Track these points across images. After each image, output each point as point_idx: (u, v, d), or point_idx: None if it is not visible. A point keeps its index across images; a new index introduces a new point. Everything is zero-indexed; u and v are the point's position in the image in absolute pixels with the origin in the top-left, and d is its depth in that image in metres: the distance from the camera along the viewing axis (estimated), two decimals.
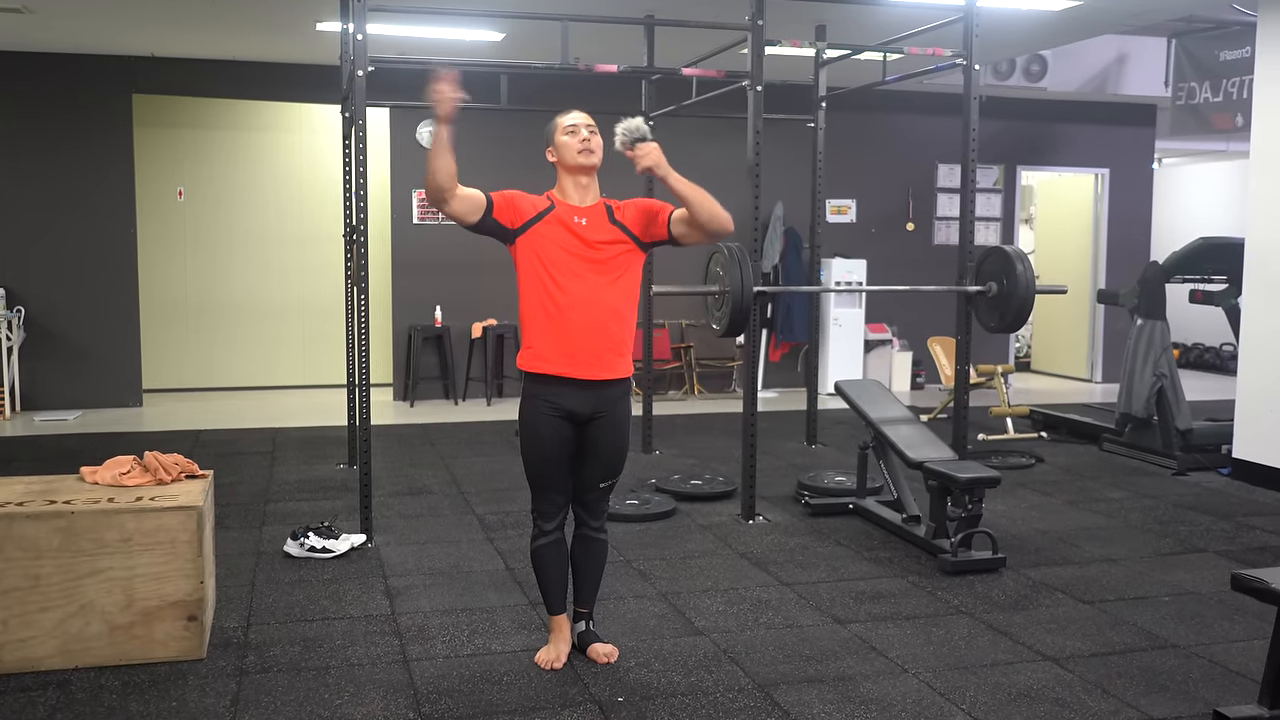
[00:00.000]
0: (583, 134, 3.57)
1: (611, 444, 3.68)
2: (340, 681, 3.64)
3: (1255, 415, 6.64)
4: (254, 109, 10.20)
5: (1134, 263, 11.52)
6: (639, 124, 3.50)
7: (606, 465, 3.71)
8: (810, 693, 3.58)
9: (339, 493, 6.32)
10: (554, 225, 3.56)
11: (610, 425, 3.65)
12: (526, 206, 3.59)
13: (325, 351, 10.47)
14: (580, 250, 3.55)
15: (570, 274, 3.54)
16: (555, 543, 3.75)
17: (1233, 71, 9.45)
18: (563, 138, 3.60)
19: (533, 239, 3.56)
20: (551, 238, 3.55)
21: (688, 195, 3.49)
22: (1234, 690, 3.64)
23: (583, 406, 3.59)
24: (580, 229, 3.57)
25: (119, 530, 3.71)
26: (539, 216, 3.57)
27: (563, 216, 3.58)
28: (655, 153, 3.48)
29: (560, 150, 3.61)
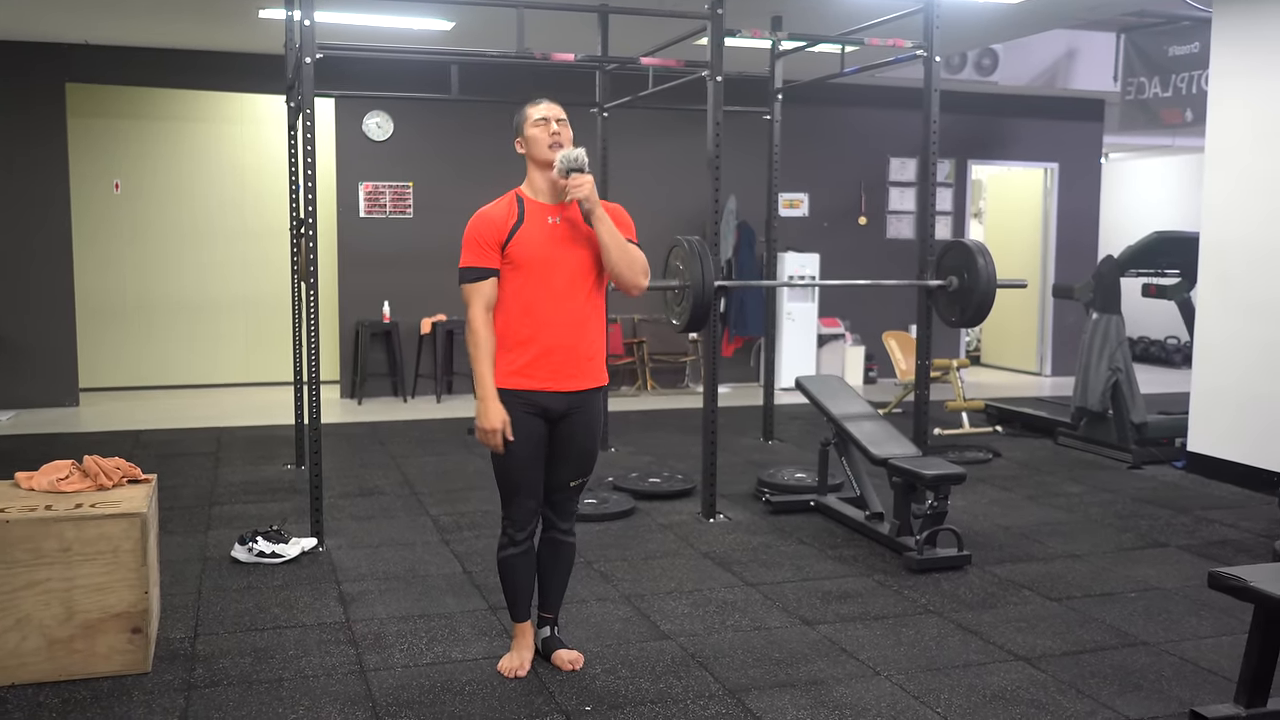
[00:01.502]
0: (553, 126, 3.43)
1: (584, 442, 3.56)
2: (294, 694, 3.49)
3: (1209, 409, 6.67)
4: (194, 99, 9.92)
5: (1083, 257, 11.63)
6: (580, 154, 3.37)
7: (578, 464, 3.59)
8: (783, 698, 3.49)
9: (287, 494, 6.12)
10: (526, 234, 3.39)
11: (583, 423, 3.54)
12: (494, 236, 3.38)
13: (269, 348, 10.21)
14: (555, 255, 3.41)
15: (545, 282, 3.39)
16: (525, 553, 3.60)
17: (1182, 67, 9.53)
18: (532, 130, 3.45)
19: (511, 255, 3.38)
20: (526, 248, 3.38)
21: (606, 241, 3.38)
22: (1207, 688, 3.60)
23: (557, 404, 3.47)
24: (555, 231, 3.42)
25: (57, 539, 3.52)
26: (510, 235, 3.38)
27: (535, 220, 3.42)
28: (588, 186, 3.35)
29: (530, 143, 3.46)
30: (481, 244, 3.39)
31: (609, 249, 3.39)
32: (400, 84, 8.63)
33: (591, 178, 3.38)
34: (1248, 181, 6.41)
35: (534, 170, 3.48)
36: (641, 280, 3.46)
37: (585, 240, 3.45)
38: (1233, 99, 6.55)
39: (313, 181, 5.02)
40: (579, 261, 3.43)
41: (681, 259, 5.40)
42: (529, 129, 3.45)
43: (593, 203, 3.36)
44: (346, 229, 9.56)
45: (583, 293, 3.45)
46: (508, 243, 3.38)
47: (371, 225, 9.63)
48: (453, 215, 9.69)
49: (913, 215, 11.17)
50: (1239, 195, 6.47)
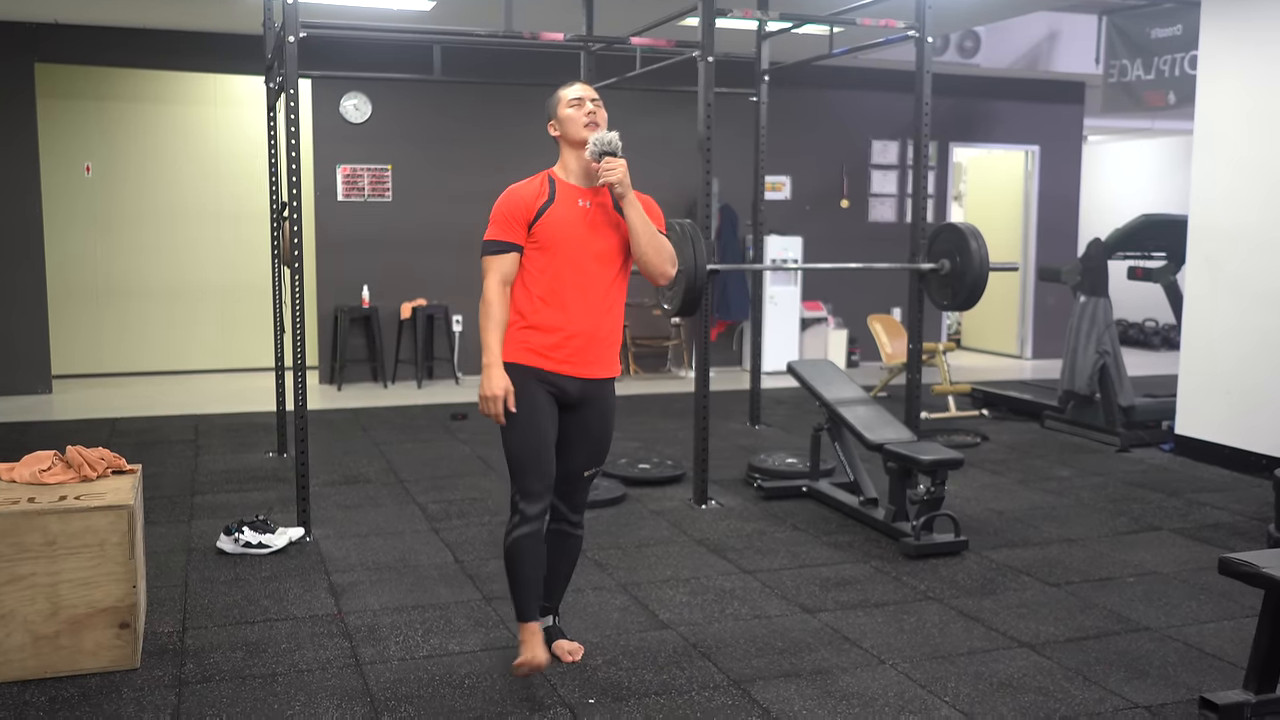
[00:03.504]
0: (588, 106, 3.34)
1: (600, 429, 3.46)
2: (289, 689, 3.40)
3: (1198, 392, 6.67)
4: (167, 80, 9.73)
5: (1063, 239, 11.65)
6: (613, 137, 3.27)
7: (592, 452, 3.48)
8: (789, 688, 3.44)
9: (270, 483, 6.02)
10: (555, 215, 3.30)
11: (598, 411, 3.44)
12: (523, 213, 3.29)
13: (245, 334, 10.07)
14: (583, 238, 3.31)
15: (571, 265, 3.29)
16: (535, 534, 3.35)
17: (1164, 49, 9.51)
18: (566, 111, 3.35)
19: (537, 235, 3.29)
20: (554, 229, 3.29)
21: (636, 226, 3.31)
22: (1213, 674, 3.58)
23: (573, 389, 3.37)
24: (585, 214, 3.33)
25: (42, 533, 3.41)
26: (539, 215, 3.29)
27: (565, 201, 3.32)
28: (622, 169, 3.26)
29: (564, 124, 3.35)
30: (509, 219, 3.30)
31: (638, 235, 3.31)
32: (378, 65, 8.49)
33: (625, 162, 3.29)
34: (1237, 164, 6.40)
35: (567, 152, 3.38)
36: (670, 269, 3.38)
37: (614, 226, 3.36)
38: (1222, 81, 6.52)
39: (296, 164, 4.90)
40: (607, 246, 3.35)
41: (673, 243, 5.31)
42: (563, 110, 3.36)
43: (625, 187, 3.26)
44: (324, 213, 9.41)
45: (608, 278, 3.36)
46: (535, 222, 3.29)
47: (350, 209, 9.49)
48: (433, 199, 9.65)
49: (894, 198, 11.14)
50: (1228, 178, 6.45)
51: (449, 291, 9.73)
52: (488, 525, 5.22)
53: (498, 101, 9.67)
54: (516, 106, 9.73)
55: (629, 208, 3.29)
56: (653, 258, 3.35)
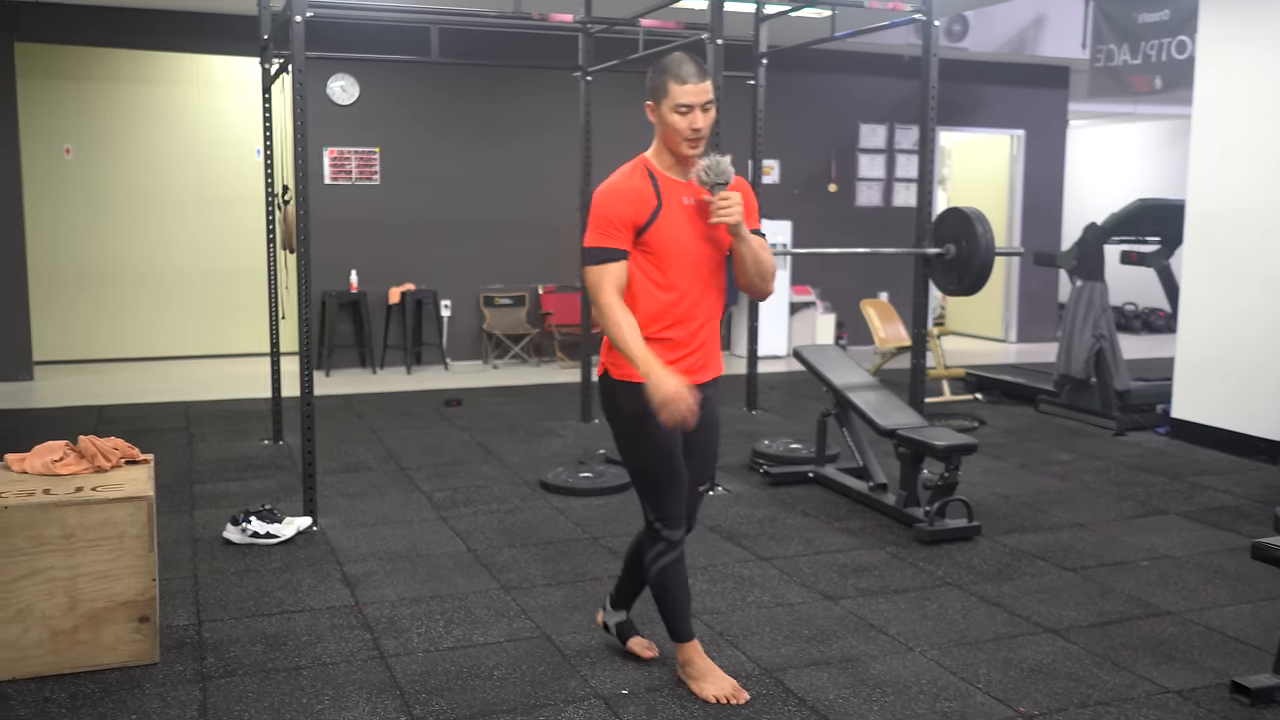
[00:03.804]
0: (697, 120, 3.00)
1: (709, 439, 3.28)
2: (316, 683, 3.34)
3: (1194, 375, 6.70)
4: (149, 60, 9.54)
5: (1048, 224, 11.70)
6: (726, 165, 3.00)
7: (703, 463, 3.29)
8: (821, 676, 3.42)
9: (269, 471, 5.93)
10: (667, 222, 3.05)
11: (707, 419, 3.19)
12: (631, 217, 3.02)
13: (230, 319, 9.93)
14: (694, 244, 3.09)
15: (685, 273, 3.07)
16: (680, 559, 3.19)
17: (1151, 34, 9.53)
18: (672, 116, 3.01)
19: (648, 242, 3.05)
20: (667, 237, 3.05)
21: (745, 259, 3.09)
22: (1238, 658, 3.59)
23: None
24: (690, 215, 3.08)
25: (59, 525, 3.33)
26: (650, 222, 3.03)
27: (672, 203, 3.07)
28: (738, 210, 3.00)
29: (666, 124, 3.03)
30: (615, 223, 3.02)
31: (746, 265, 3.10)
32: (367, 46, 8.37)
33: (739, 196, 3.03)
34: (1235, 147, 6.42)
35: (664, 147, 3.10)
36: (771, 286, 3.20)
37: None
38: (1220, 65, 6.54)
39: (304, 148, 4.81)
40: (716, 252, 3.13)
41: None
42: (670, 113, 3.01)
43: (740, 227, 3.03)
44: (311, 196, 9.23)
45: (717, 284, 3.18)
46: (646, 229, 3.03)
47: (337, 192, 9.37)
48: (422, 182, 9.55)
49: (881, 182, 11.13)
50: (1225, 162, 6.47)
51: (438, 276, 9.64)
52: (496, 513, 5.17)
53: (488, 83, 9.57)
54: (508, 88, 9.64)
55: (743, 244, 3.07)
56: (758, 283, 3.16)
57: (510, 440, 6.73)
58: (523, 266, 9.90)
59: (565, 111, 8.67)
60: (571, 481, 5.57)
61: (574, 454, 6.30)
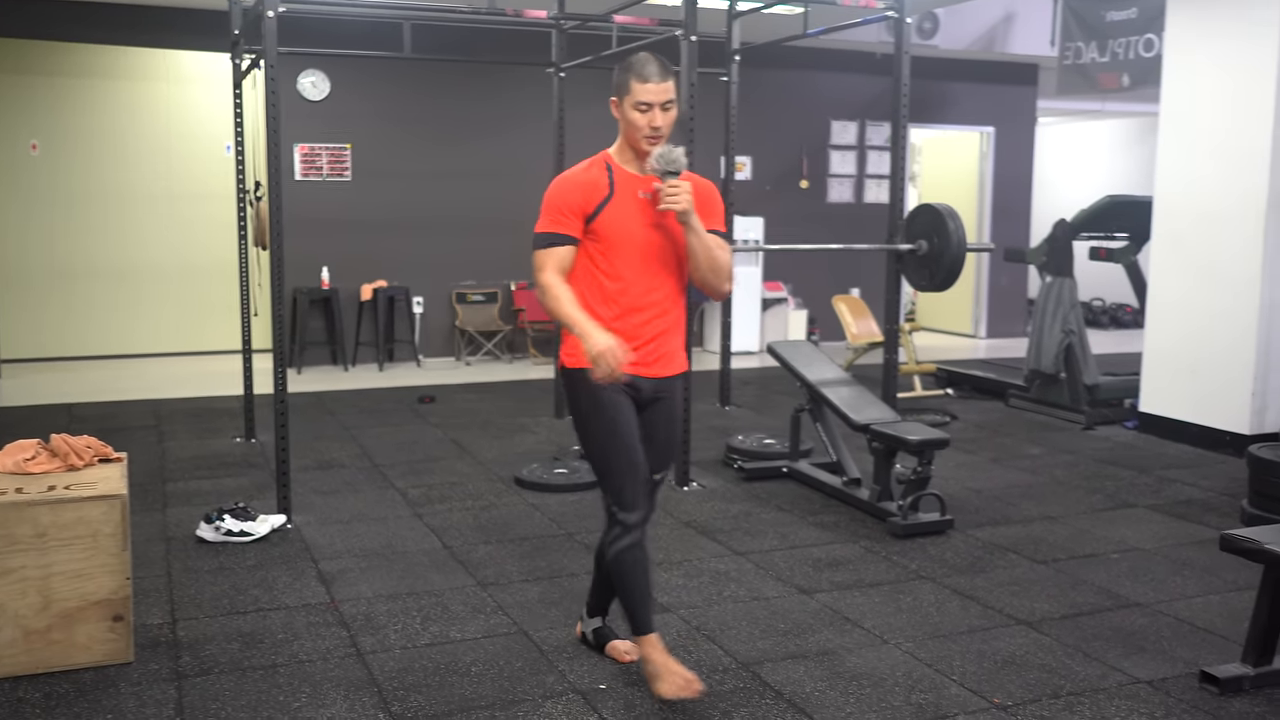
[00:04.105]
0: (656, 119, 3.06)
1: (668, 430, 3.30)
2: (293, 681, 3.33)
3: (1161, 370, 6.78)
4: (116, 55, 9.44)
5: (1017, 220, 11.80)
6: (678, 155, 3.03)
7: (660, 454, 3.30)
8: (797, 670, 3.44)
9: (242, 469, 5.90)
10: (616, 210, 3.10)
11: (666, 411, 3.27)
12: (579, 204, 3.09)
13: (199, 316, 9.85)
14: (645, 234, 3.12)
15: (633, 262, 3.11)
16: (638, 544, 3.17)
17: (1119, 32, 9.63)
18: (633, 113, 3.07)
19: (596, 230, 3.10)
20: (615, 226, 3.10)
21: (695, 250, 3.10)
22: (1207, 648, 3.64)
23: (644, 388, 3.20)
24: (645, 207, 3.12)
25: (32, 524, 3.31)
26: (598, 210, 3.09)
27: (625, 193, 3.12)
28: (686, 198, 3.02)
29: (627, 121, 3.10)
30: (563, 210, 3.09)
31: (698, 259, 3.11)
32: (338, 41, 8.33)
33: (689, 185, 3.06)
34: (1201, 145, 6.50)
35: (626, 143, 3.17)
36: (726, 286, 3.20)
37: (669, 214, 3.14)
38: (1187, 63, 6.61)
39: (278, 144, 4.79)
40: (670, 240, 3.14)
41: None
42: (631, 110, 3.07)
43: (690, 214, 3.05)
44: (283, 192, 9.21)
45: (672, 275, 3.19)
46: (595, 216, 3.09)
47: (307, 189, 9.32)
48: (393, 178, 9.51)
49: (853, 179, 11.19)
50: (1193, 159, 6.55)
51: (410, 273, 9.60)
52: (471, 510, 5.17)
53: (460, 80, 9.54)
54: (480, 85, 9.62)
55: (693, 235, 3.08)
56: (710, 280, 3.16)
57: (484, 437, 6.73)
58: (495, 263, 9.88)
59: (538, 108, 8.67)
60: (546, 478, 5.57)
61: (548, 450, 6.30)
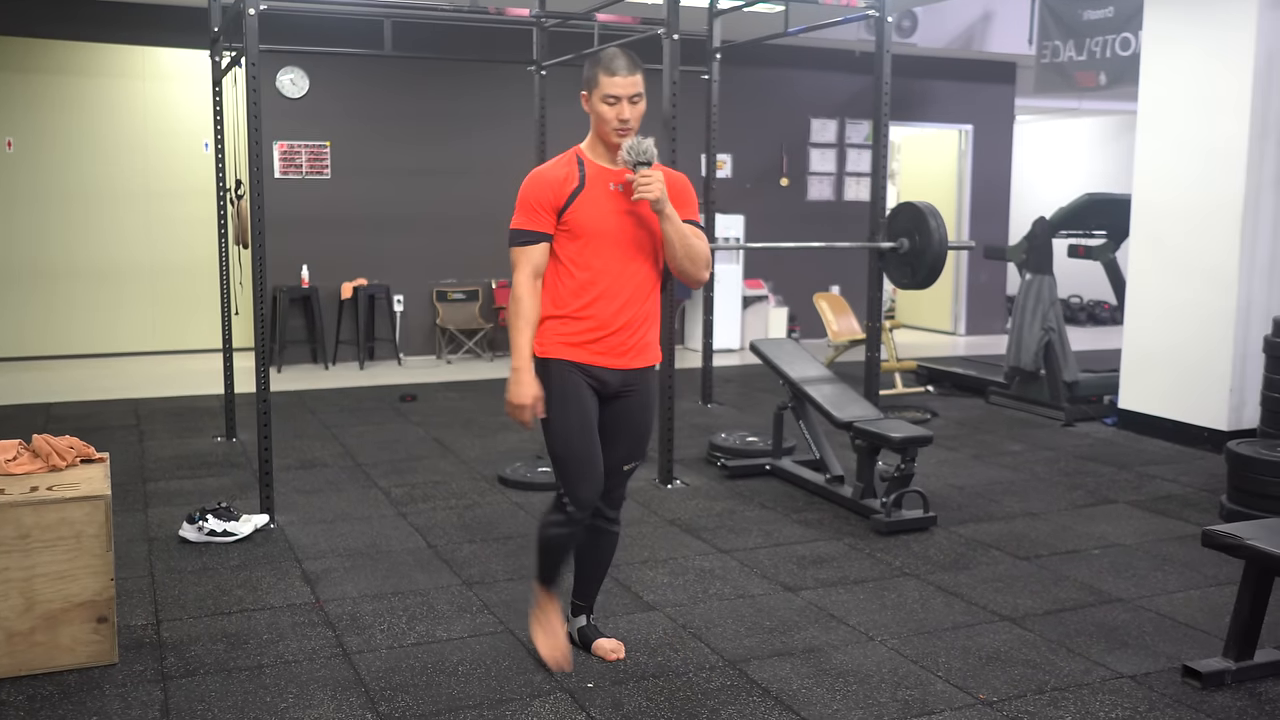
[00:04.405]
0: (624, 112, 3.11)
1: (639, 423, 3.33)
2: (279, 681, 3.32)
3: (1140, 367, 6.83)
4: (93, 52, 9.36)
5: (996, 218, 11.86)
6: (649, 146, 3.09)
7: (632, 445, 3.34)
8: (784, 667, 3.45)
9: (223, 468, 5.87)
10: (586, 202, 3.15)
11: (639, 403, 3.30)
12: (551, 200, 3.15)
13: (177, 315, 9.79)
14: (617, 226, 3.17)
15: (605, 254, 3.16)
16: (574, 534, 3.30)
17: (1096, 30, 9.69)
18: (601, 106, 3.12)
19: (568, 223, 3.15)
20: (586, 217, 3.14)
21: (671, 239, 3.14)
22: (1189, 643, 3.67)
23: (613, 380, 3.24)
24: (617, 199, 3.16)
25: (15, 526, 3.28)
26: (569, 202, 3.14)
27: (596, 186, 3.17)
28: (658, 187, 3.06)
29: (596, 114, 3.15)
30: (536, 206, 3.15)
31: (674, 248, 3.16)
32: (318, 39, 8.29)
33: (661, 174, 3.10)
34: (1178, 143, 6.55)
35: (596, 137, 3.21)
36: (704, 274, 3.23)
37: (642, 205, 3.19)
38: (1165, 62, 6.66)
39: (259, 142, 4.77)
40: (642, 231, 3.19)
41: None
42: (599, 103, 3.12)
43: (662, 203, 3.09)
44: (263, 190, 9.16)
45: (644, 265, 3.22)
46: (565, 209, 3.14)
47: (287, 187, 9.27)
48: (373, 176, 9.47)
49: (832, 176, 11.22)
50: (1171, 157, 6.60)
51: (390, 271, 9.58)
52: (455, 509, 5.16)
53: (439, 77, 9.52)
54: (460, 82, 9.59)
55: (667, 223, 3.12)
56: (688, 268, 3.20)
57: (466, 435, 6.72)
58: (476, 261, 9.86)
59: (519, 105, 8.66)
60: (529, 476, 5.57)
61: (531, 449, 6.29)
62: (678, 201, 3.20)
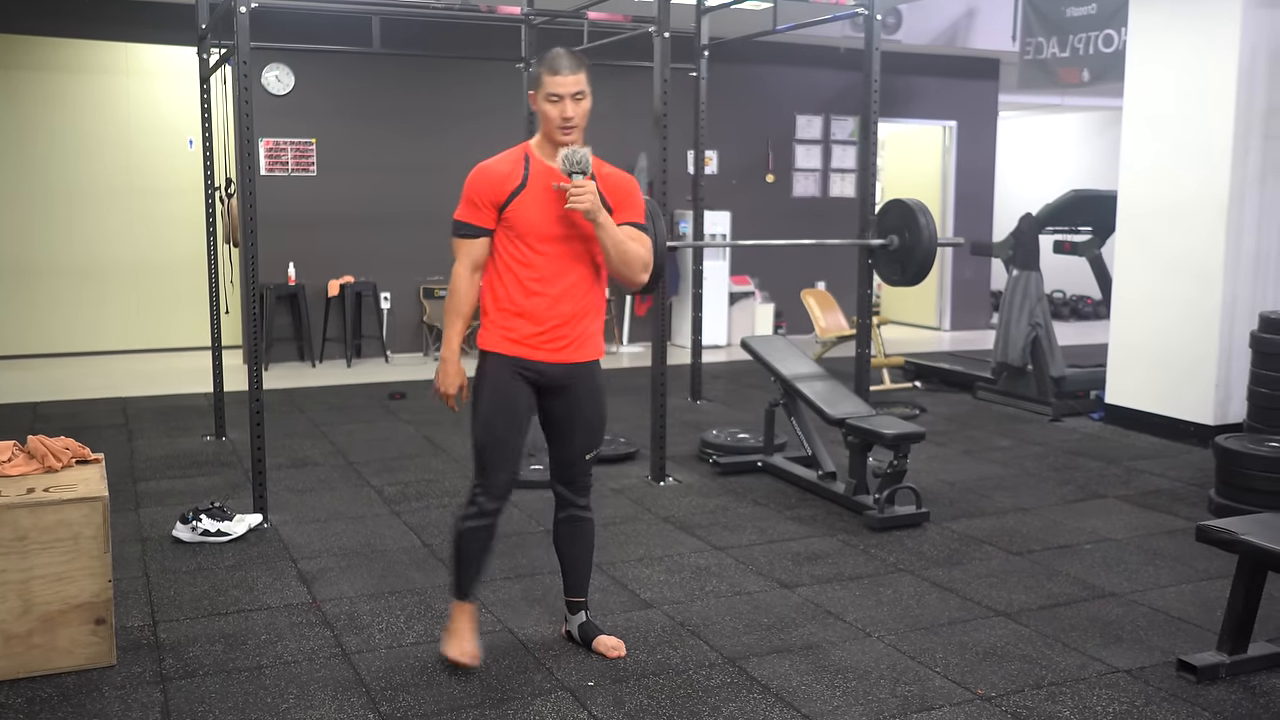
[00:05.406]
0: (567, 109, 3.17)
1: (592, 410, 3.41)
2: (279, 682, 3.32)
3: (1127, 362, 6.88)
4: (75, 48, 9.29)
5: (980, 213, 11.91)
6: (584, 156, 3.15)
7: (589, 434, 3.43)
8: (783, 664, 3.47)
9: (214, 468, 5.85)
10: (527, 199, 3.22)
11: (588, 393, 3.39)
12: (492, 195, 3.23)
13: (162, 313, 9.74)
14: (557, 223, 3.23)
15: (545, 250, 3.23)
16: (490, 527, 3.36)
17: (1079, 27, 9.74)
18: (545, 105, 3.20)
19: (509, 219, 3.23)
20: (526, 214, 3.21)
21: (606, 246, 3.21)
22: (1182, 636, 3.71)
23: (556, 374, 3.32)
24: (559, 197, 3.21)
25: (12, 527, 3.26)
26: (510, 199, 3.22)
27: (539, 183, 3.23)
28: (590, 198, 3.12)
29: (541, 114, 3.22)
30: (478, 200, 3.24)
31: (609, 254, 3.23)
32: (304, 36, 8.25)
33: (594, 186, 3.16)
34: (1165, 139, 6.59)
35: (544, 136, 3.28)
36: (641, 277, 3.31)
37: None
38: (1150, 57, 6.71)
39: (251, 140, 4.77)
40: (582, 230, 3.24)
41: None
42: (543, 102, 3.20)
43: (595, 212, 3.14)
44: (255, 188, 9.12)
45: (584, 262, 3.29)
46: (506, 205, 3.22)
47: (273, 184, 9.23)
48: (359, 173, 9.44)
49: (818, 173, 11.25)
50: (1156, 152, 6.65)
51: (377, 268, 9.55)
52: (448, 507, 5.16)
53: (426, 73, 9.49)
54: (446, 79, 9.56)
55: (601, 231, 3.18)
56: (624, 271, 3.27)
57: (457, 433, 6.70)
58: None
59: (505, 101, 8.63)
60: (522, 475, 5.54)
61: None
62: (620, 203, 3.29)
